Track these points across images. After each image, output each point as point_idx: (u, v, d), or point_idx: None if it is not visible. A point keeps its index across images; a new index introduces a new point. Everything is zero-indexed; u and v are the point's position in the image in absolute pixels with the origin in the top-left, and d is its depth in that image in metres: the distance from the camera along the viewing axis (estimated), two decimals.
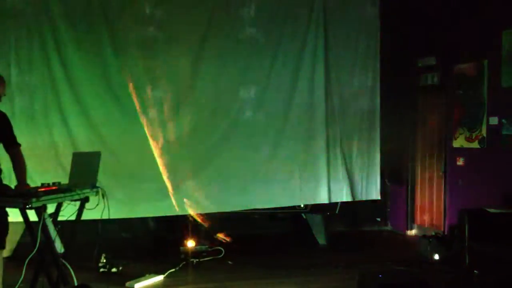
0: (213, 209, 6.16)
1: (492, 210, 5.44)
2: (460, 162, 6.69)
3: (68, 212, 4.26)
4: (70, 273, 4.16)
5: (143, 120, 5.81)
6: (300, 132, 6.40)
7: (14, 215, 4.08)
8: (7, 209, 4.06)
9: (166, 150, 5.88)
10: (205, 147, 6.06)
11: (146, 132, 5.81)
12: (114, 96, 5.73)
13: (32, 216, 3.87)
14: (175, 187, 5.91)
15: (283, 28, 6.29)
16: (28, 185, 4.07)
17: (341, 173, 6.55)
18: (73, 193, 4.04)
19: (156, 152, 5.85)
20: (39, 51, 5.49)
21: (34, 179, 4.67)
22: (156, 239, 6.71)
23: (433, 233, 6.39)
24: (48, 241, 3.96)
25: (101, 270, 5.38)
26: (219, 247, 6.21)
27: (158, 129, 5.87)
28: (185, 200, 5.93)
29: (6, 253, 4.56)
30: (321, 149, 6.44)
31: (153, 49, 5.83)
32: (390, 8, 6.84)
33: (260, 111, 6.22)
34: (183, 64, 5.96)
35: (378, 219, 8.07)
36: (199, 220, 6.28)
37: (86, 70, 5.62)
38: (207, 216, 6.36)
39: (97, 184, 4.28)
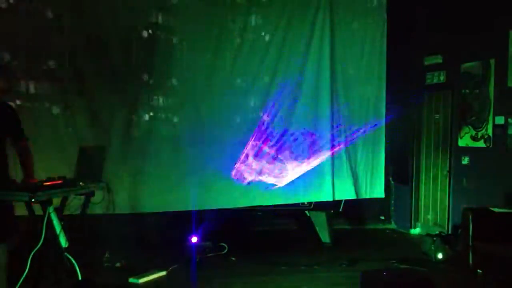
0: (216, 205, 6.17)
1: (496, 210, 5.42)
2: (465, 161, 6.67)
3: (73, 207, 4.26)
4: (74, 267, 4.16)
5: (149, 115, 5.82)
6: (305, 130, 6.38)
7: (19, 208, 4.08)
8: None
9: (171, 145, 5.89)
10: (210, 142, 6.06)
11: (151, 126, 5.82)
12: (120, 89, 5.73)
13: (37, 210, 3.87)
14: (180, 183, 5.91)
15: (289, 24, 6.28)
16: (35, 179, 4.06)
17: (345, 170, 6.54)
18: (78, 187, 4.04)
19: (160, 147, 5.86)
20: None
21: (39, 173, 4.66)
22: (160, 235, 6.71)
23: (437, 232, 6.38)
24: (52, 235, 3.96)
25: (105, 264, 5.38)
26: (223, 244, 6.21)
27: (163, 124, 5.87)
28: (189, 195, 5.93)
29: (9, 246, 4.56)
30: (326, 147, 6.43)
31: (161, 45, 5.83)
32: (397, 5, 6.81)
33: (265, 109, 6.22)
34: (192, 61, 5.96)
35: (382, 217, 8.06)
36: None
37: (92, 63, 5.62)
38: (210, 212, 6.37)
39: (102, 179, 4.28)
